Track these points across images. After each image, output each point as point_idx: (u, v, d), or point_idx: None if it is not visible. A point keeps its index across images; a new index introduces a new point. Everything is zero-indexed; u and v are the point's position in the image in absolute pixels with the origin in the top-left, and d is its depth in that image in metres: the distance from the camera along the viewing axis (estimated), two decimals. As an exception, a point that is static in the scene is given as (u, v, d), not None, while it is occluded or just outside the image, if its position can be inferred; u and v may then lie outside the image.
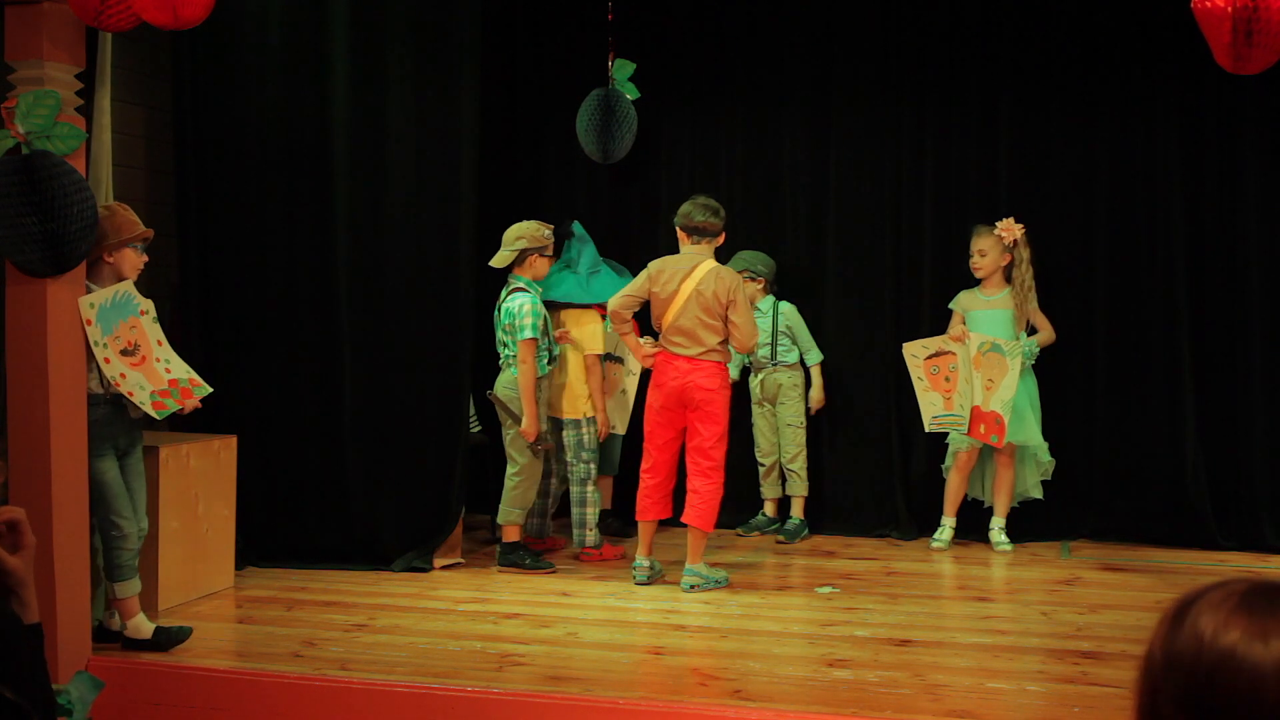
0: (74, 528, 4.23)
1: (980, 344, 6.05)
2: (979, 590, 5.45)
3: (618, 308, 5.41)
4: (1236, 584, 1.25)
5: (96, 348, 4.32)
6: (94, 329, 4.31)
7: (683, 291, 5.26)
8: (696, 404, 5.28)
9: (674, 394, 5.31)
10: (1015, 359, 5.97)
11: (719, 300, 5.24)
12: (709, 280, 5.27)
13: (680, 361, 5.29)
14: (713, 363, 5.29)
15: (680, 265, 5.34)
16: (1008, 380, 5.97)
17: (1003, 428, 5.95)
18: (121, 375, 4.39)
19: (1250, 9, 3.43)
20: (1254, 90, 5.92)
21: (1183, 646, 1.22)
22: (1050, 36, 6.43)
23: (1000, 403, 5.96)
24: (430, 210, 5.66)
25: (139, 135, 5.88)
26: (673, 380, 5.30)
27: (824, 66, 6.72)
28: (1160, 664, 1.24)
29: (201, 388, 4.68)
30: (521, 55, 7.15)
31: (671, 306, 5.29)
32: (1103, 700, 3.84)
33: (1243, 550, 6.09)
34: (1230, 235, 6.26)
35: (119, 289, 4.44)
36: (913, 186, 6.64)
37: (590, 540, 5.94)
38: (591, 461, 5.97)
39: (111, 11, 3.90)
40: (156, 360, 4.55)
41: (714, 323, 5.25)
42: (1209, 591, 1.26)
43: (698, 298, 5.25)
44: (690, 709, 3.79)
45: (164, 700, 4.16)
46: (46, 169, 4.02)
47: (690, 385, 5.26)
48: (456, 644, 4.49)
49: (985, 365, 6.03)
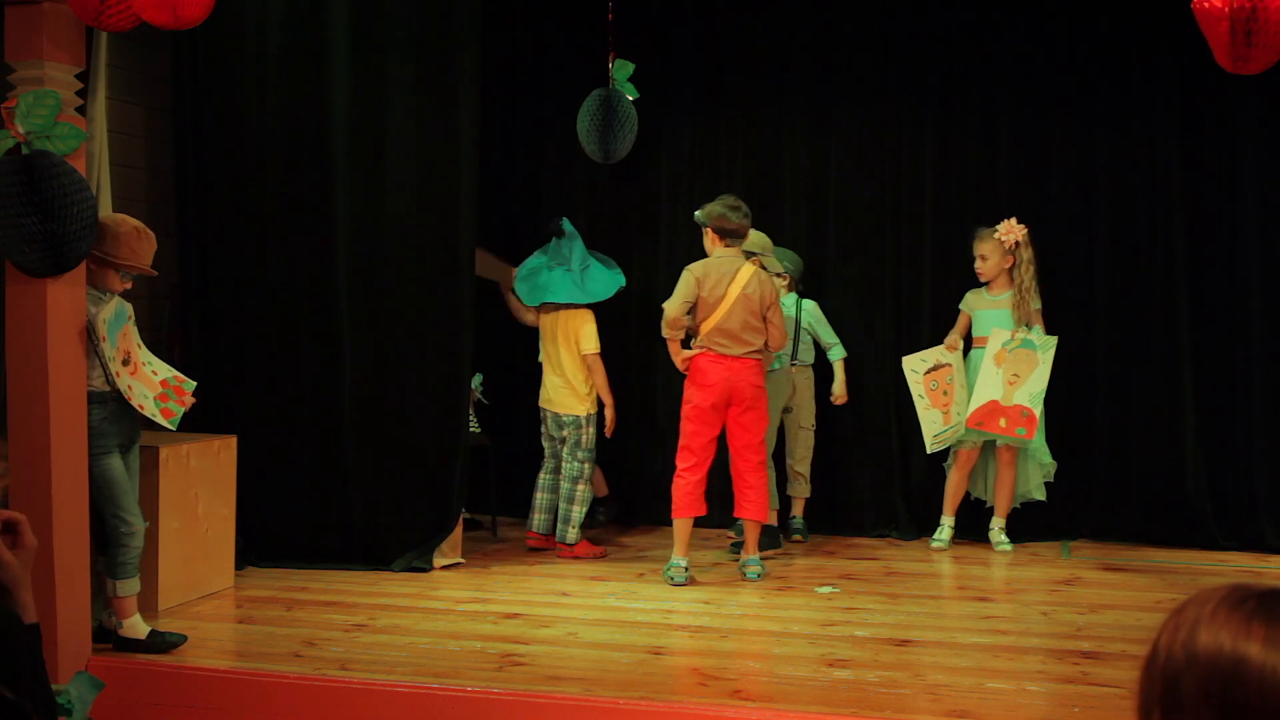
0: (74, 528, 4.22)
1: (1005, 341, 6.04)
2: (979, 590, 5.45)
3: (677, 314, 5.52)
4: (1250, 589, 1.24)
5: (111, 364, 4.34)
6: (106, 345, 4.33)
7: (730, 295, 5.44)
8: (747, 402, 5.46)
9: (724, 393, 5.45)
10: (1048, 353, 5.97)
11: (763, 302, 5.47)
12: (753, 284, 5.47)
13: (730, 361, 5.46)
14: (758, 361, 5.52)
15: (724, 269, 5.49)
16: (1038, 373, 5.96)
17: (1032, 421, 5.95)
18: (129, 388, 4.41)
19: (1249, 9, 3.43)
20: (1254, 90, 5.92)
21: (1199, 654, 1.21)
22: (1050, 36, 6.43)
23: (1029, 396, 5.95)
24: (430, 210, 5.65)
25: (139, 135, 5.89)
26: (724, 379, 5.45)
27: (824, 66, 6.72)
28: (1174, 671, 1.22)
29: (188, 382, 4.69)
30: (521, 55, 7.15)
31: (719, 309, 5.45)
32: (1103, 700, 3.84)
33: (1243, 550, 6.09)
34: (1230, 235, 6.26)
35: (117, 302, 4.44)
36: (913, 186, 6.64)
37: (571, 537, 6.00)
38: (587, 461, 6.04)
39: (111, 11, 3.90)
40: (143, 364, 4.56)
41: (758, 324, 5.47)
42: (1219, 596, 1.24)
43: (744, 301, 5.44)
44: (690, 709, 3.79)
45: (164, 700, 4.16)
46: (46, 169, 4.01)
47: (742, 384, 5.46)
48: (456, 644, 4.49)
49: (1010, 361, 6.01)
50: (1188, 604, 1.27)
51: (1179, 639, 1.24)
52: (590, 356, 6.04)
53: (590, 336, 6.06)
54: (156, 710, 4.16)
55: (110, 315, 4.37)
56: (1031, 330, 6.06)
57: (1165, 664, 1.24)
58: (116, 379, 4.36)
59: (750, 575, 5.49)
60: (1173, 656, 1.24)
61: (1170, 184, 6.29)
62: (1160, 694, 1.24)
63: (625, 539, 6.52)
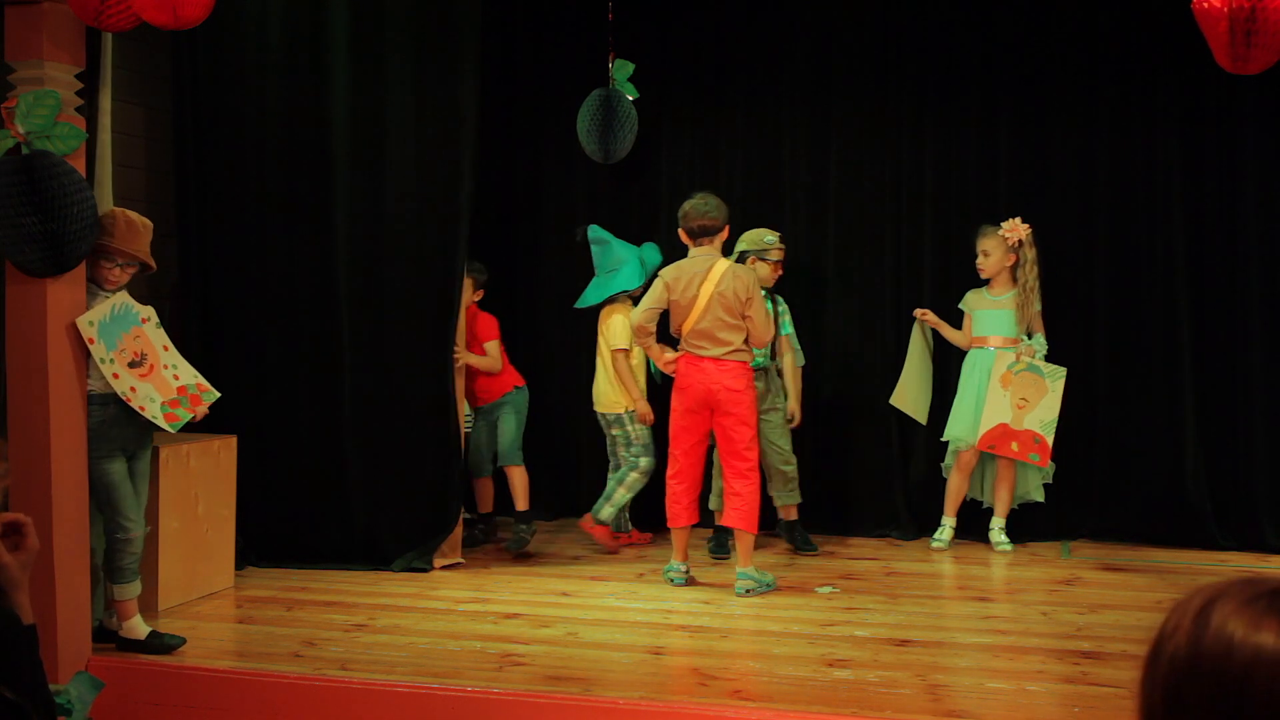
0: (74, 528, 4.23)
1: (1011, 364, 6.04)
2: (979, 590, 5.45)
3: (642, 322, 5.38)
4: (1262, 584, 1.22)
5: (104, 365, 4.30)
6: (97, 346, 4.29)
7: (703, 295, 5.22)
8: (725, 406, 5.22)
9: (700, 397, 5.26)
10: (1058, 382, 5.96)
11: (739, 299, 5.21)
12: (727, 280, 5.22)
13: (706, 363, 5.24)
14: (738, 363, 5.24)
15: (695, 269, 5.28)
16: (1048, 401, 5.96)
17: (1045, 448, 5.97)
18: (132, 389, 4.37)
19: (1249, 9, 3.42)
20: (1254, 90, 5.92)
21: (1211, 648, 1.19)
22: (1050, 36, 6.43)
23: (1040, 423, 5.95)
24: (430, 210, 5.65)
25: (139, 135, 5.88)
26: (699, 383, 5.25)
27: (824, 66, 6.72)
28: (1184, 665, 1.20)
29: (210, 393, 4.65)
30: (521, 55, 7.15)
31: (693, 311, 5.24)
32: (1103, 700, 3.84)
33: (1243, 550, 6.09)
34: (1230, 235, 6.26)
35: (116, 301, 4.41)
36: (913, 186, 6.64)
37: (604, 514, 6.06)
38: (641, 455, 6.12)
39: (111, 11, 3.91)
40: (165, 367, 4.52)
41: (735, 322, 5.21)
42: (1230, 590, 1.23)
43: (719, 299, 5.20)
44: (690, 709, 3.79)
45: (164, 700, 4.16)
46: (46, 169, 4.02)
47: (718, 387, 5.22)
48: (456, 644, 4.49)
49: (1017, 384, 6.01)
50: (1190, 599, 1.25)
51: (1185, 634, 1.22)
52: (614, 352, 6.10)
53: (614, 332, 6.12)
54: (156, 710, 4.16)
55: (103, 316, 4.34)
56: (1035, 352, 6.05)
57: (1171, 659, 1.22)
58: (115, 380, 4.33)
59: (737, 590, 5.20)
60: (1179, 651, 1.22)
61: (1170, 184, 6.28)
62: (1165, 689, 1.22)
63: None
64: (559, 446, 7.12)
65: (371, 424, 5.69)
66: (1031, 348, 6.06)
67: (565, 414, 7.09)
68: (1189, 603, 1.25)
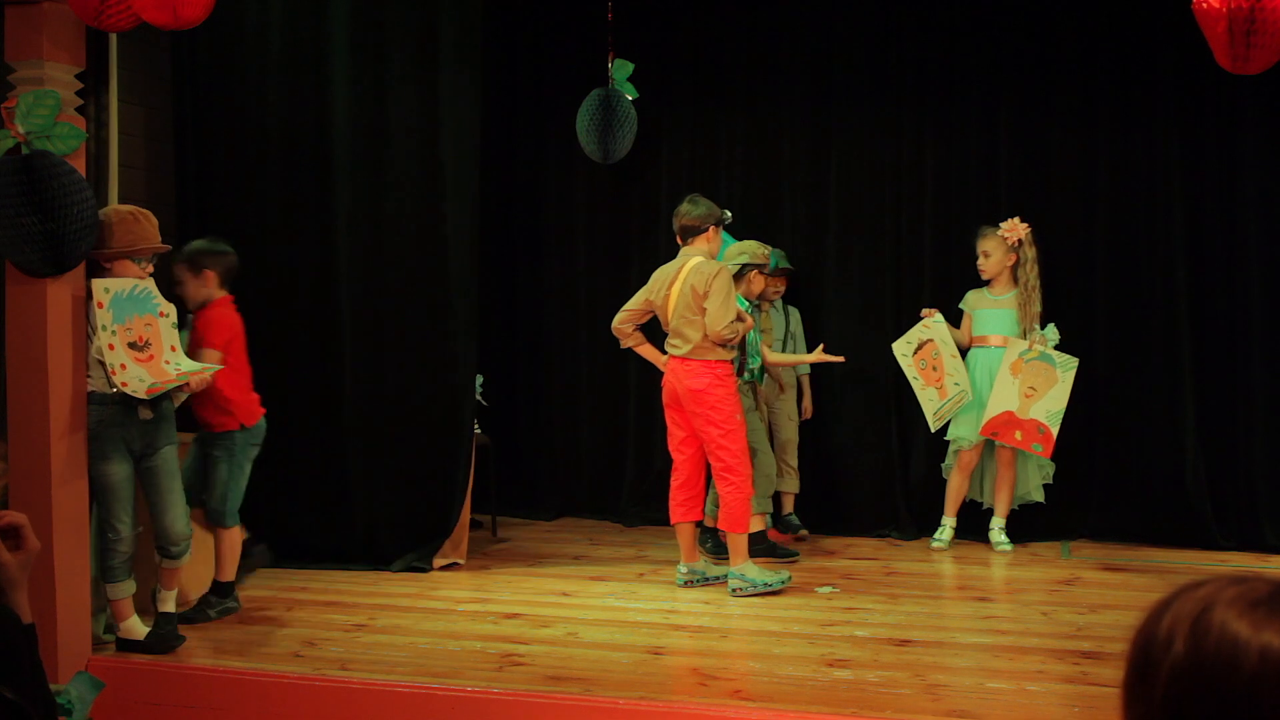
0: (74, 528, 4.22)
1: (1023, 350, 6.03)
2: (979, 590, 5.45)
3: (617, 324, 5.44)
4: (1258, 584, 1.19)
5: (102, 332, 4.24)
6: (105, 313, 4.24)
7: (673, 294, 5.24)
8: (689, 404, 5.21)
9: (671, 394, 5.30)
10: (1069, 372, 5.94)
11: (697, 292, 5.15)
12: (691, 275, 5.20)
13: (674, 362, 5.28)
14: (700, 361, 5.17)
15: (671, 269, 5.32)
16: (1056, 392, 5.92)
17: (1049, 439, 5.94)
18: (121, 365, 4.30)
19: (1249, 9, 3.42)
20: (1254, 90, 5.92)
21: (1214, 655, 1.15)
22: (1050, 36, 6.43)
23: (1046, 413, 5.92)
24: (430, 210, 5.65)
25: (139, 135, 5.88)
26: (669, 381, 5.31)
27: (824, 66, 6.72)
28: (1187, 675, 1.17)
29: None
30: (521, 55, 7.15)
31: (668, 309, 5.27)
32: (1103, 700, 3.84)
33: (1242, 550, 6.09)
34: (1230, 235, 6.26)
35: (139, 284, 4.38)
36: (913, 186, 6.64)
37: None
38: None
39: (111, 11, 3.91)
40: (166, 362, 4.49)
41: (696, 317, 5.16)
42: (1223, 594, 1.19)
43: (684, 296, 5.20)
44: (690, 709, 3.79)
45: (164, 700, 4.16)
46: (46, 169, 4.01)
47: (680, 386, 5.22)
48: (456, 644, 4.49)
49: (1027, 372, 5.99)
50: (1179, 604, 1.22)
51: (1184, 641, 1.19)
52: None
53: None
54: (156, 710, 4.15)
55: (121, 290, 4.30)
56: (1049, 341, 6.03)
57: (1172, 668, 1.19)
58: (108, 351, 4.24)
59: (729, 589, 5.20)
60: (1179, 660, 1.18)
61: (1170, 184, 6.28)
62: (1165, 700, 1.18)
63: (625, 539, 6.53)
64: (559, 446, 7.12)
65: (371, 424, 5.69)
66: (1045, 336, 6.06)
67: (565, 414, 7.10)
68: (1179, 608, 1.21)
